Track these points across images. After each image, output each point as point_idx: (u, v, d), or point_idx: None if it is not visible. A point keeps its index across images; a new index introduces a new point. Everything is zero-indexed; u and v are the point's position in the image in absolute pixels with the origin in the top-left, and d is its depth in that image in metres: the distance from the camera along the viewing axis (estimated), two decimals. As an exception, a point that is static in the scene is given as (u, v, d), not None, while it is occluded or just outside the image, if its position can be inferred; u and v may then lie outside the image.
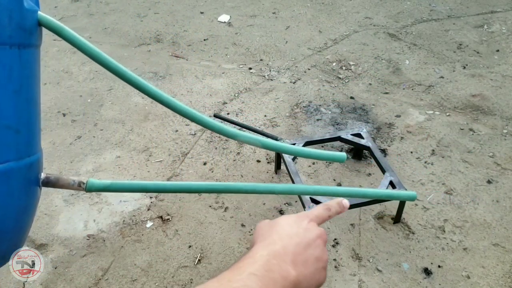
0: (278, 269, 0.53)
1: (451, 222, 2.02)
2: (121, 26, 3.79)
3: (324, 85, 2.98)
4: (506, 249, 1.90)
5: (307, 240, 0.58)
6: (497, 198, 2.14)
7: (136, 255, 1.90)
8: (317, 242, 0.59)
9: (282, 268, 0.54)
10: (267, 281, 0.51)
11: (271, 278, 0.52)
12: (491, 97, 2.83)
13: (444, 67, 3.13)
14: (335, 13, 3.89)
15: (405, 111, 2.73)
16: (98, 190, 0.81)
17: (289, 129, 2.59)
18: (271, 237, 0.58)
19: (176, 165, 2.35)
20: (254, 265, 0.52)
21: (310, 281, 0.56)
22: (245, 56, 3.33)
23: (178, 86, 3.00)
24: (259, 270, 0.52)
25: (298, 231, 0.59)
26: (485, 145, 2.45)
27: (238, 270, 0.52)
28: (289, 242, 0.57)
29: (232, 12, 3.93)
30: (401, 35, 3.53)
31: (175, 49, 3.43)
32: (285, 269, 0.54)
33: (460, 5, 3.94)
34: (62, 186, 0.79)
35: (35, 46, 0.75)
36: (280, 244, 0.56)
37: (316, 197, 1.84)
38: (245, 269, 0.51)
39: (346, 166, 2.32)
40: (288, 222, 0.61)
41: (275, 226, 0.60)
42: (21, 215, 0.74)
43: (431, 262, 1.85)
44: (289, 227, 0.60)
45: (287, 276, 0.53)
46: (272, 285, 0.51)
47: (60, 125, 2.68)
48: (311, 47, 3.41)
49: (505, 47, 3.34)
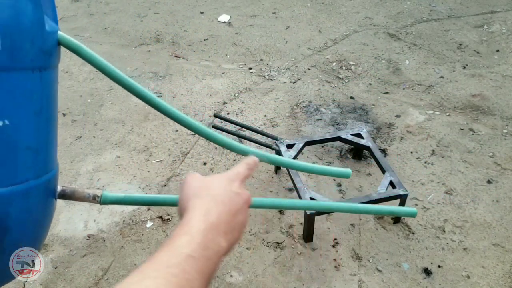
0: (212, 245, 0.54)
1: (451, 222, 2.02)
2: (121, 26, 3.79)
3: (324, 85, 2.98)
4: (506, 249, 1.90)
5: (237, 206, 0.60)
6: (497, 198, 2.14)
7: (136, 255, 1.90)
8: (244, 207, 0.61)
9: (216, 242, 0.55)
10: (203, 262, 0.52)
11: (207, 257, 0.53)
12: (491, 97, 2.83)
13: (444, 67, 3.13)
14: (335, 13, 3.89)
15: (405, 111, 2.73)
16: (112, 202, 0.83)
17: (289, 129, 2.59)
18: (206, 199, 0.58)
19: (176, 165, 2.35)
20: (192, 244, 0.52)
21: (232, 245, 0.59)
22: (245, 56, 3.33)
23: (178, 86, 3.00)
24: (196, 250, 0.52)
25: (230, 196, 0.60)
26: (485, 145, 2.45)
27: (175, 251, 0.51)
28: (223, 210, 0.58)
29: (232, 12, 3.93)
30: (401, 35, 3.53)
31: (175, 49, 3.43)
32: (218, 243, 0.55)
33: (460, 5, 3.94)
34: (77, 199, 0.81)
35: (54, 66, 0.75)
36: (215, 212, 0.57)
37: (316, 197, 1.84)
38: (183, 250, 0.51)
39: (346, 166, 2.32)
40: (220, 184, 0.62)
41: (209, 186, 0.61)
42: (39, 227, 0.77)
43: (431, 262, 1.85)
44: (223, 190, 0.60)
45: (219, 250, 0.55)
46: (207, 264, 0.52)
47: (60, 125, 2.68)
48: (311, 47, 3.41)
49: (505, 47, 3.34)
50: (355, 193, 2.15)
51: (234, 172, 0.66)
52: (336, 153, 2.41)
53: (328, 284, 1.78)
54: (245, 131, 2.48)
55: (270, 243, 1.94)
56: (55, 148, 0.80)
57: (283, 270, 1.83)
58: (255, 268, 1.84)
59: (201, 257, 0.52)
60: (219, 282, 1.79)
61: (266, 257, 1.88)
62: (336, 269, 1.83)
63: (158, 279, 0.48)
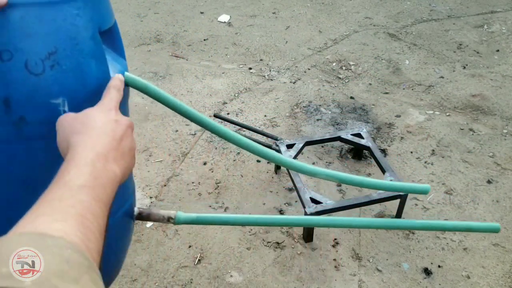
0: (104, 173, 0.53)
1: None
2: (121, 26, 3.77)
3: (324, 85, 2.98)
4: (506, 249, 1.90)
5: (120, 132, 0.59)
6: (497, 198, 2.14)
7: (136, 255, 1.90)
8: (128, 132, 0.61)
9: (108, 169, 0.54)
10: (98, 190, 0.50)
11: (101, 184, 0.51)
12: (491, 97, 2.83)
13: (444, 67, 3.13)
14: (335, 13, 3.89)
15: (405, 111, 2.73)
16: (185, 223, 0.85)
17: (289, 129, 2.59)
18: (88, 134, 0.56)
19: (176, 165, 2.35)
20: (81, 176, 0.50)
21: (128, 171, 0.59)
22: (245, 56, 3.33)
23: (178, 86, 3.00)
24: (88, 180, 0.50)
25: (111, 126, 0.59)
26: (485, 145, 2.45)
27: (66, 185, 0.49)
28: (107, 139, 0.57)
29: (232, 12, 3.93)
30: (401, 35, 3.53)
31: (175, 49, 3.43)
32: (110, 169, 0.54)
33: (460, 5, 3.95)
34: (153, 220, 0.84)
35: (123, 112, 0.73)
36: (100, 142, 0.56)
37: (316, 197, 1.84)
38: (74, 182, 0.49)
39: (346, 166, 2.32)
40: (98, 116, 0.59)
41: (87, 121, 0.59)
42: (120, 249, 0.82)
43: (431, 262, 1.85)
44: (101, 122, 0.59)
45: (113, 177, 0.54)
46: (103, 191, 0.51)
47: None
48: (311, 47, 3.41)
49: (505, 47, 3.34)
50: (355, 193, 2.15)
51: (107, 99, 0.63)
52: (336, 153, 2.41)
53: (328, 284, 1.78)
54: (245, 131, 2.48)
55: (270, 243, 1.94)
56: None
57: (283, 270, 1.83)
58: (255, 268, 1.84)
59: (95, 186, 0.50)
60: (219, 282, 1.79)
61: (266, 257, 1.88)
62: (336, 269, 1.83)
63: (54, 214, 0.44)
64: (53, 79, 0.60)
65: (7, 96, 0.59)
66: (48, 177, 0.49)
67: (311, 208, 1.78)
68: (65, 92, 0.62)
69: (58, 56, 0.60)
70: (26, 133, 0.62)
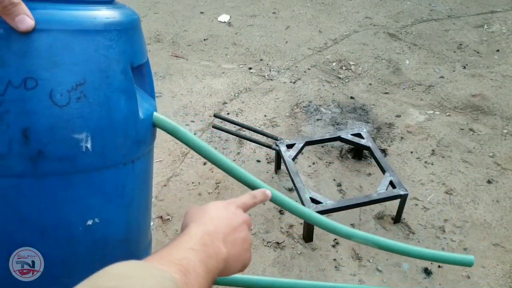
0: (212, 245, 0.57)
1: (451, 222, 2.02)
2: (121, 26, 3.79)
3: (324, 85, 2.98)
4: (506, 249, 1.90)
5: (235, 223, 0.64)
6: (497, 198, 2.14)
7: (136, 255, 1.90)
8: (243, 226, 0.65)
9: (215, 244, 0.58)
10: (204, 255, 0.54)
11: (207, 252, 0.55)
12: (491, 97, 2.83)
13: (444, 67, 3.13)
14: (335, 13, 3.89)
15: (405, 111, 2.73)
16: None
17: (289, 129, 2.59)
18: (203, 219, 0.62)
19: (176, 165, 2.35)
20: (191, 241, 0.55)
21: (237, 259, 0.62)
22: (245, 56, 3.33)
23: (178, 86, 3.00)
24: (196, 245, 0.55)
25: (227, 215, 0.64)
26: (485, 145, 2.45)
27: (176, 247, 0.54)
28: (220, 223, 0.62)
29: (232, 12, 3.93)
30: (401, 35, 3.53)
31: (175, 49, 3.43)
32: (217, 246, 0.58)
33: (460, 5, 3.95)
34: None
35: (149, 150, 0.69)
36: (212, 224, 0.61)
37: (316, 197, 1.84)
38: (183, 245, 0.54)
39: (346, 166, 2.32)
40: (217, 207, 0.65)
41: (206, 211, 0.64)
42: None
43: (431, 262, 1.85)
44: (219, 211, 0.64)
45: (220, 252, 0.58)
46: (208, 259, 0.55)
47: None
48: (311, 47, 3.41)
49: (505, 47, 3.34)
50: (355, 193, 2.15)
51: (238, 199, 0.70)
52: (336, 153, 2.41)
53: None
54: (245, 131, 2.48)
55: (270, 243, 1.94)
56: (149, 229, 0.76)
57: (283, 270, 1.83)
58: (255, 268, 1.84)
59: (201, 251, 0.54)
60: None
61: (266, 257, 1.88)
62: (336, 269, 1.83)
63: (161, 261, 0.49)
64: (78, 112, 0.56)
65: (27, 127, 0.54)
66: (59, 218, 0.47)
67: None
68: (89, 127, 0.58)
69: (85, 88, 0.56)
70: (42, 168, 0.57)
